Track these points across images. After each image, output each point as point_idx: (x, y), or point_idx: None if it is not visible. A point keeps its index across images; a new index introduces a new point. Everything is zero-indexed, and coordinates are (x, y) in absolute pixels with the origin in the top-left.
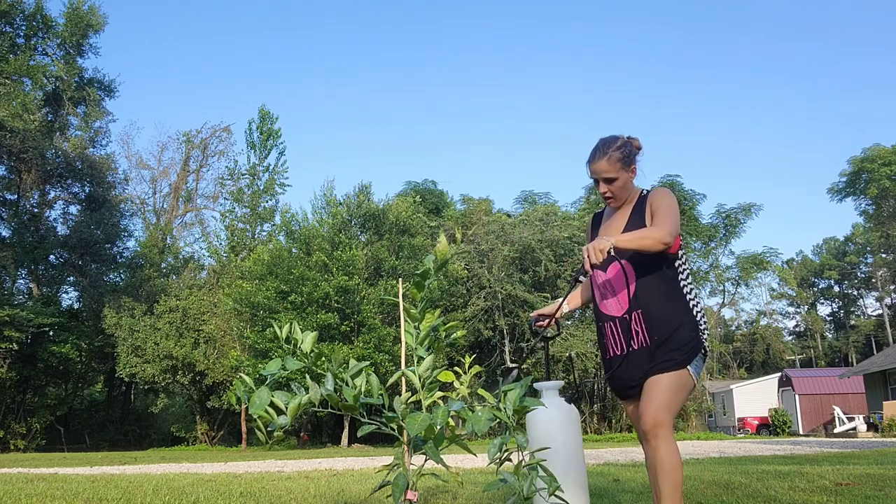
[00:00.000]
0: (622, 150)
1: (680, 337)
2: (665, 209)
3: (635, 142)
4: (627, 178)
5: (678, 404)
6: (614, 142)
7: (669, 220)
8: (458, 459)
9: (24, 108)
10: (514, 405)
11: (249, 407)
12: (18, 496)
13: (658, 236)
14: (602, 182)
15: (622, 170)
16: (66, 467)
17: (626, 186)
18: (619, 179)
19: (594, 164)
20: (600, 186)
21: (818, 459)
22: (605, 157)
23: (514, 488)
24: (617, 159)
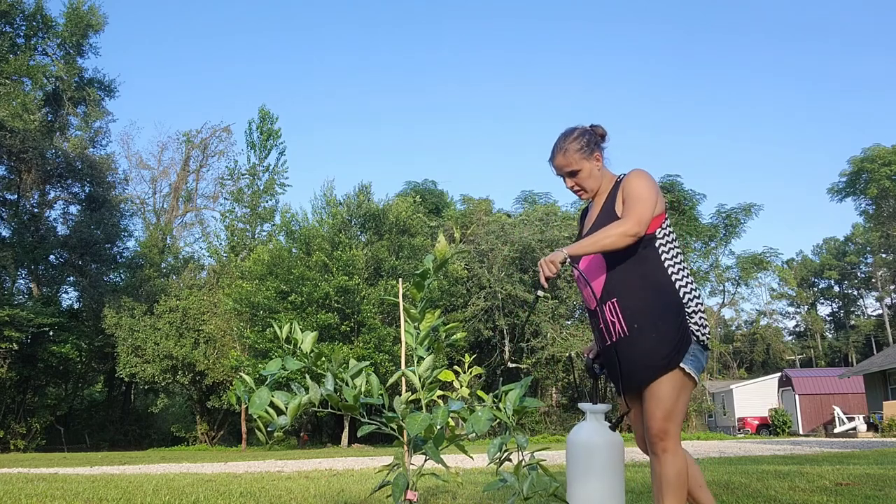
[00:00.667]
0: (579, 139)
1: (664, 326)
2: (634, 197)
3: (598, 129)
4: (592, 168)
5: (681, 410)
6: (570, 134)
7: (637, 208)
8: (458, 459)
9: (24, 108)
10: (513, 405)
11: (249, 407)
12: (18, 496)
13: (620, 231)
14: (566, 177)
15: (583, 160)
16: (66, 467)
17: (592, 176)
18: (582, 171)
19: (554, 161)
20: (566, 181)
21: (818, 459)
22: (560, 151)
23: (513, 488)
24: (575, 150)
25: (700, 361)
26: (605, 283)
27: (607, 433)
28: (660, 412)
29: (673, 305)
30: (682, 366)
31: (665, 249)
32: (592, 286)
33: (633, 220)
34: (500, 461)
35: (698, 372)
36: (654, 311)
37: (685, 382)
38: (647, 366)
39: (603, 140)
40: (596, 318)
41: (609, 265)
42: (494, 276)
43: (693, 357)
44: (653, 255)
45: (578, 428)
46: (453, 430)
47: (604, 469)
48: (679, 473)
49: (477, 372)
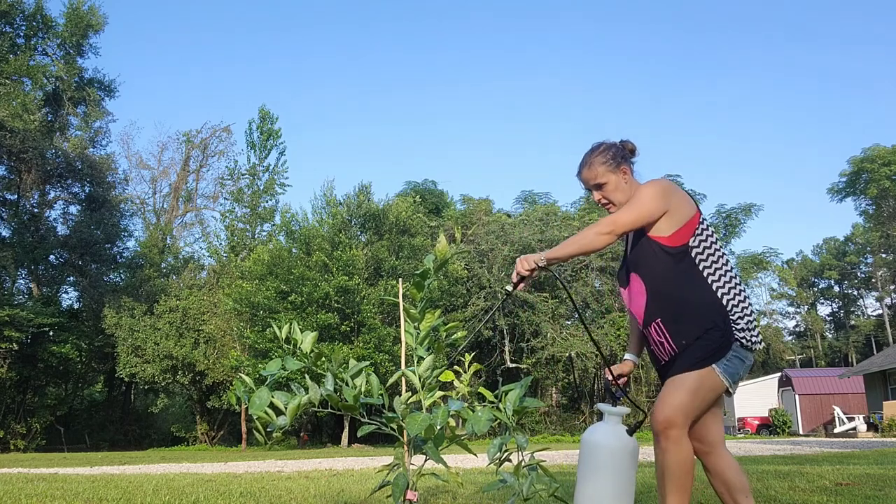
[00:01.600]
0: (604, 153)
1: (710, 337)
2: (631, 202)
3: (627, 144)
4: (618, 181)
5: (698, 407)
6: (596, 148)
7: (624, 211)
8: (458, 459)
9: (24, 108)
10: (514, 405)
11: (249, 407)
12: (18, 496)
13: (594, 231)
14: (593, 190)
15: (609, 173)
16: (66, 467)
17: (619, 189)
18: (608, 183)
19: (580, 176)
20: (594, 195)
21: (818, 459)
22: (586, 165)
23: (513, 489)
24: (600, 163)
25: (736, 367)
26: (646, 305)
27: (623, 436)
28: (673, 400)
29: (717, 316)
30: (714, 367)
31: (703, 257)
32: (635, 310)
33: (608, 220)
34: (499, 461)
35: (731, 377)
36: (698, 325)
37: (712, 383)
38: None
39: (632, 155)
40: (646, 340)
41: (648, 285)
42: (494, 276)
43: (729, 362)
44: (689, 268)
45: (594, 428)
46: (453, 429)
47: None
48: (681, 463)
49: (476, 368)
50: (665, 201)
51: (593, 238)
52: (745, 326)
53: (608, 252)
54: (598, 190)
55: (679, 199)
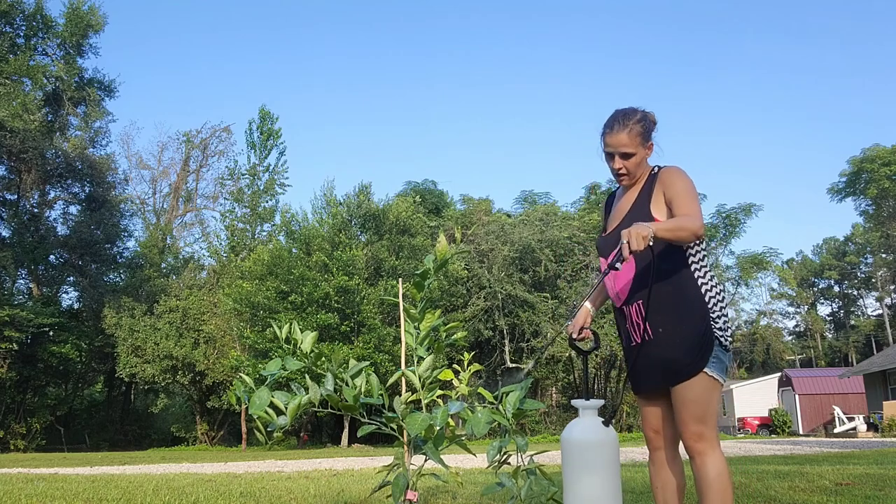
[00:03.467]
0: (642, 123)
1: (688, 330)
2: (686, 195)
3: (651, 116)
4: (644, 156)
5: (713, 411)
6: (634, 114)
7: (696, 207)
8: (458, 459)
9: (24, 108)
10: (513, 407)
11: (249, 407)
12: (18, 496)
13: (693, 229)
14: (618, 157)
15: (640, 146)
16: (66, 467)
17: (641, 164)
18: (636, 155)
19: (612, 137)
20: (615, 161)
21: (818, 459)
22: (625, 129)
23: (512, 492)
24: (637, 133)
25: (723, 363)
26: (632, 284)
27: (601, 430)
28: (691, 416)
29: (697, 310)
30: (706, 371)
31: (692, 252)
32: (619, 287)
33: (700, 220)
34: (499, 463)
35: (723, 374)
36: (679, 315)
37: (713, 384)
38: (669, 369)
39: (654, 127)
40: (623, 318)
41: (637, 267)
42: (494, 276)
43: (716, 360)
44: (680, 258)
45: (572, 425)
46: (453, 430)
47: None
48: (720, 474)
49: (476, 368)
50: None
51: (688, 236)
52: (723, 326)
53: None
54: (623, 159)
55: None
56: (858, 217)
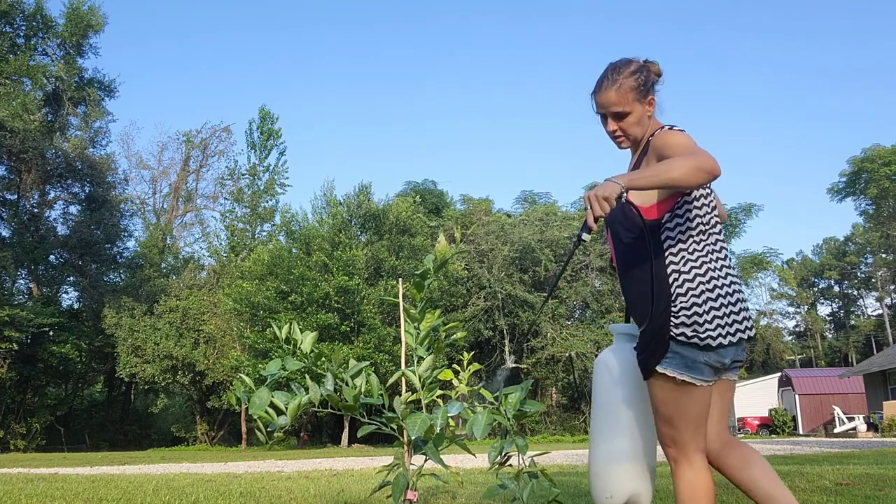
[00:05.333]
0: (637, 76)
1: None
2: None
3: (653, 66)
4: (643, 113)
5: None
6: (626, 66)
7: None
8: (458, 459)
9: (24, 108)
10: (513, 409)
11: (249, 407)
12: (18, 496)
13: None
14: (610, 118)
15: (636, 101)
16: (66, 467)
17: (640, 122)
18: (631, 114)
19: (600, 96)
20: (608, 124)
21: (818, 459)
22: (614, 85)
23: (514, 493)
24: (630, 88)
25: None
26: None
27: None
28: (659, 418)
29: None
30: (658, 369)
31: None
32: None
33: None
34: (499, 465)
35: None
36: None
37: (675, 384)
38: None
39: (658, 80)
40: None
41: (615, 247)
42: (494, 276)
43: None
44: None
45: (606, 352)
46: (453, 430)
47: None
48: (690, 489)
49: (476, 368)
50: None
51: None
52: (688, 320)
53: (608, 252)
54: (617, 119)
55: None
56: (858, 217)
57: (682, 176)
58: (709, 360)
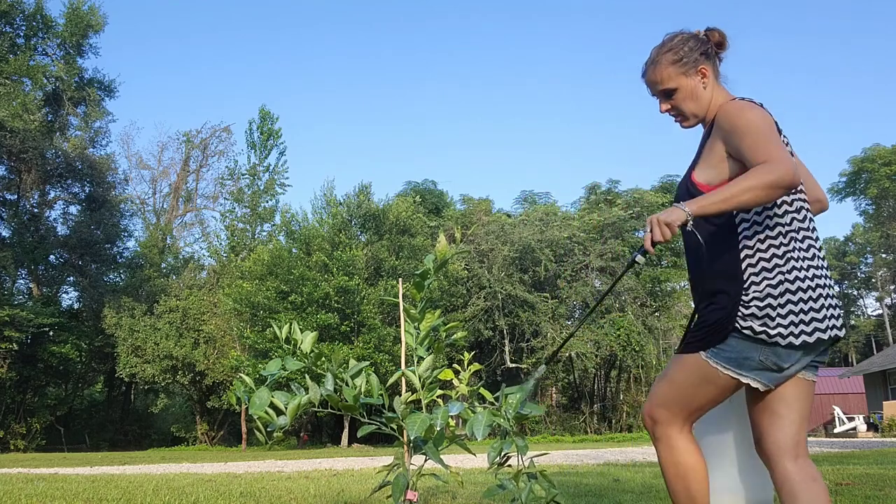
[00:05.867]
0: (677, 49)
1: (711, 307)
2: (752, 135)
3: (713, 34)
4: (693, 87)
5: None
6: (668, 41)
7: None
8: (458, 459)
9: (24, 108)
10: (513, 411)
11: (249, 407)
12: (18, 496)
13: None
14: (659, 98)
15: (680, 75)
16: (65, 467)
17: (694, 97)
18: (679, 90)
19: (645, 77)
20: (660, 105)
21: (818, 459)
22: (654, 65)
23: (513, 493)
24: (669, 62)
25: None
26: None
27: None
28: (659, 390)
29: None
30: (701, 353)
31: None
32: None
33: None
34: (499, 465)
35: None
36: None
37: (706, 373)
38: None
39: (720, 49)
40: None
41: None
42: (494, 276)
43: (728, 348)
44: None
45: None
46: (453, 430)
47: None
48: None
49: (476, 368)
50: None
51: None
52: (759, 312)
53: (608, 252)
54: (665, 98)
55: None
56: (858, 217)
57: (756, 198)
58: (765, 359)
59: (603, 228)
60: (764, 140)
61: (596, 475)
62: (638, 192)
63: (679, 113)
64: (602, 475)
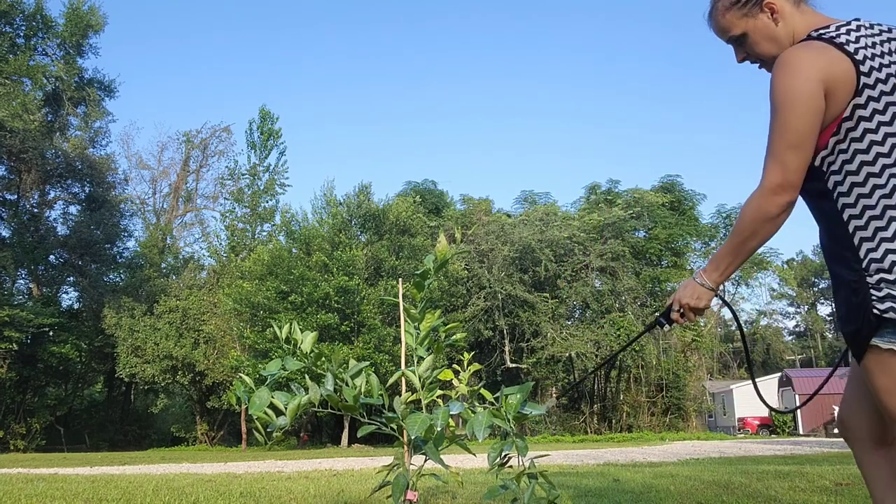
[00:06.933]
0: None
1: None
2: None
3: None
4: (764, 27)
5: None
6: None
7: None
8: (458, 459)
9: (23, 108)
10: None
11: (249, 407)
12: (18, 496)
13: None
14: (734, 47)
15: (744, 17)
16: (65, 467)
17: (770, 37)
18: (748, 34)
19: (712, 27)
20: (736, 54)
21: (818, 459)
22: (712, 16)
23: (515, 494)
24: (727, 7)
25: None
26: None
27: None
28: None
29: (846, 265)
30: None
31: (839, 178)
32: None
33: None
34: (499, 466)
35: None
36: (834, 272)
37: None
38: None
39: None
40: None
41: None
42: (494, 276)
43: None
44: (823, 194)
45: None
46: (454, 429)
47: None
48: None
49: (476, 368)
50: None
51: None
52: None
53: (608, 252)
54: (739, 46)
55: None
56: None
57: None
58: None
59: (603, 228)
60: (777, 134)
61: (596, 475)
62: (638, 191)
63: (759, 60)
64: (602, 475)
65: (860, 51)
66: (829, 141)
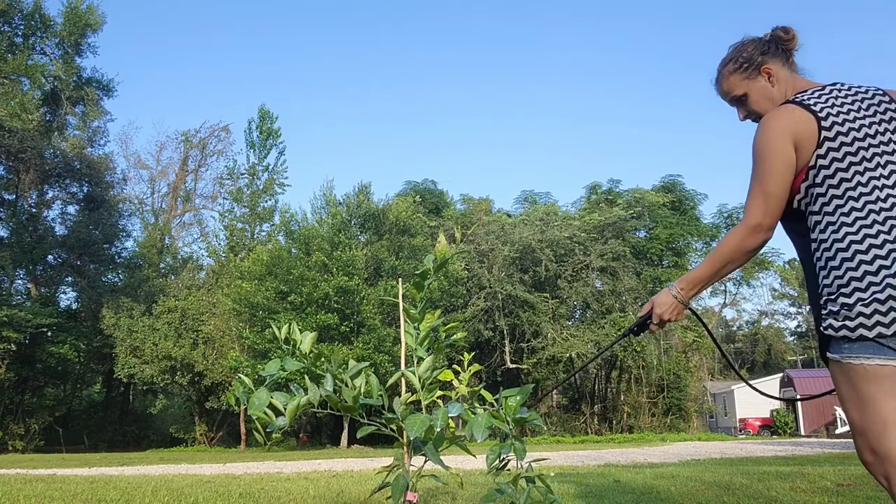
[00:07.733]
0: (738, 55)
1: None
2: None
3: (778, 32)
4: (762, 88)
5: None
6: (730, 52)
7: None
8: (458, 460)
9: (22, 107)
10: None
11: (248, 408)
12: (17, 497)
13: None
14: (737, 107)
15: (745, 80)
16: (64, 468)
17: (767, 98)
18: (749, 95)
19: (718, 90)
20: (738, 113)
21: (819, 460)
22: (719, 80)
23: (511, 497)
24: (731, 72)
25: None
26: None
27: None
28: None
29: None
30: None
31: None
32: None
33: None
34: (497, 468)
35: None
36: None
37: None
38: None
39: (785, 44)
40: None
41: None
42: (494, 276)
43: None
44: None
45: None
46: (453, 430)
47: None
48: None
49: (476, 369)
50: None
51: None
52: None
53: (608, 252)
54: (741, 105)
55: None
56: None
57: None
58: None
59: (603, 228)
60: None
61: (596, 476)
62: (639, 191)
63: (757, 118)
64: (603, 476)
65: (825, 110)
66: (801, 186)
